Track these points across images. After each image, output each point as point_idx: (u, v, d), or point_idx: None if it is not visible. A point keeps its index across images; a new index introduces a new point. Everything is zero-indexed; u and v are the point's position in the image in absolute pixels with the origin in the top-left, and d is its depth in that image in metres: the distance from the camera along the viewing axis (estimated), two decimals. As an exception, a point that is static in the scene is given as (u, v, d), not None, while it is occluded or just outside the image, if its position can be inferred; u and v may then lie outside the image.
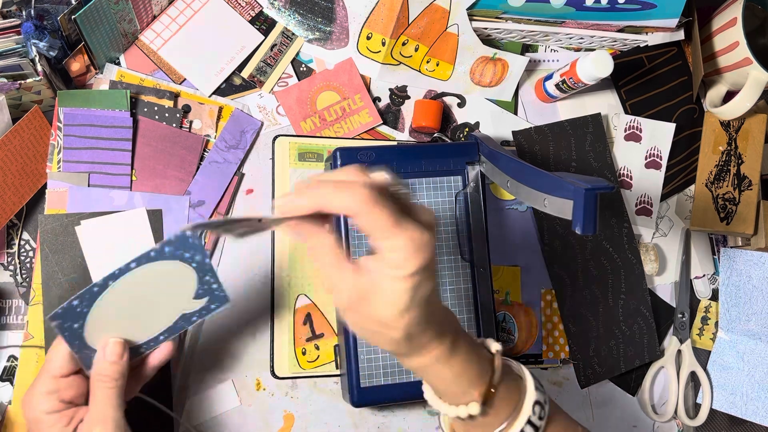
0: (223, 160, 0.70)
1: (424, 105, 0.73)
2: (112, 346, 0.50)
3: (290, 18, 0.74)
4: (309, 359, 0.67)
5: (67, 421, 0.49)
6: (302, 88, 0.73)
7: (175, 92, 0.70)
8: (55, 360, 0.50)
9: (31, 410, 0.49)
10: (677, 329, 0.78)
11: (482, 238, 0.66)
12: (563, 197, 0.52)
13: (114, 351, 0.50)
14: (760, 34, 0.83)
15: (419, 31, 0.73)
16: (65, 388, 0.49)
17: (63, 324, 0.48)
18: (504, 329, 0.72)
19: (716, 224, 0.79)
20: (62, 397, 0.49)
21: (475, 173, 0.67)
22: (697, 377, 0.78)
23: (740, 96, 0.75)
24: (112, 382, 0.49)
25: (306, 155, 0.71)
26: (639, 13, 0.74)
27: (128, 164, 0.67)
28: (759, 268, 0.78)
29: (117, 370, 0.49)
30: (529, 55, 0.79)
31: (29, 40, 0.61)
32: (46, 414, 0.48)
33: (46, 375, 0.50)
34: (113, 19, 0.65)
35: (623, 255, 0.76)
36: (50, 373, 0.49)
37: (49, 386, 0.49)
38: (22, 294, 0.65)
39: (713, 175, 0.80)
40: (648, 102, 0.81)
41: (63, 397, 0.49)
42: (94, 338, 0.49)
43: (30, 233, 0.66)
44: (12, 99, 0.63)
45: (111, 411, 0.49)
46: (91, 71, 0.69)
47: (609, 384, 0.76)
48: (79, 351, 0.49)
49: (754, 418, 0.76)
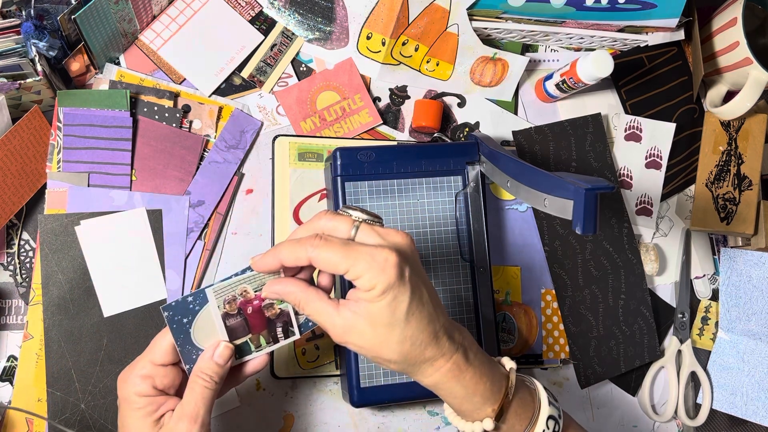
0: (223, 160, 0.70)
1: (424, 105, 0.73)
2: (223, 349, 0.51)
3: (290, 18, 0.74)
4: (309, 359, 0.67)
5: (156, 407, 0.50)
6: (302, 88, 0.73)
7: (175, 92, 0.70)
8: (158, 348, 0.51)
9: (125, 389, 0.50)
10: (677, 329, 0.78)
11: (482, 238, 0.66)
12: (563, 197, 0.52)
13: (223, 354, 0.51)
14: (760, 34, 0.83)
15: (419, 31, 0.73)
16: (161, 375, 0.51)
17: (173, 317, 0.50)
18: (504, 329, 0.72)
19: (716, 224, 0.79)
20: (156, 383, 0.50)
21: (475, 173, 0.67)
22: (697, 377, 0.78)
23: (740, 96, 0.75)
24: (212, 383, 0.50)
25: (306, 155, 0.71)
26: (639, 13, 0.74)
27: (128, 164, 0.67)
28: (759, 268, 0.78)
29: (219, 373, 0.51)
30: (529, 55, 0.79)
31: (29, 40, 0.61)
32: (138, 396, 0.50)
33: (146, 359, 0.51)
34: (113, 19, 0.65)
35: (623, 255, 0.76)
36: (150, 359, 0.51)
37: (147, 371, 0.50)
38: (21, 294, 0.65)
39: (713, 175, 0.80)
40: (648, 102, 0.81)
41: (157, 384, 0.50)
42: (199, 337, 0.51)
43: (30, 233, 0.66)
44: (12, 99, 0.63)
45: (202, 410, 0.50)
46: (91, 71, 0.69)
47: (609, 384, 0.76)
48: (182, 345, 0.51)
49: (754, 418, 0.76)
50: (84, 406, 0.63)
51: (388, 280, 0.44)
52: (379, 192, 0.65)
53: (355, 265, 0.45)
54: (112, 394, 0.63)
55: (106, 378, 0.63)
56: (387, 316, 0.45)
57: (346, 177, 0.64)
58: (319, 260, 0.46)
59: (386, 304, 0.45)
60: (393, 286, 0.45)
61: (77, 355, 0.63)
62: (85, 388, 0.63)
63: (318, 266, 0.47)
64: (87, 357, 0.63)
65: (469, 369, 0.48)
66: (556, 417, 0.50)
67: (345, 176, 0.64)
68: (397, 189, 0.65)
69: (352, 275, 0.45)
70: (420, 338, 0.46)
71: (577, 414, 0.74)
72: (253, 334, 0.53)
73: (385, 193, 0.65)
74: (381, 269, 0.44)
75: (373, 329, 0.46)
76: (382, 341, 0.46)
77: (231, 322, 0.52)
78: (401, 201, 0.65)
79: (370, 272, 0.44)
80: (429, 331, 0.47)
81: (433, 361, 0.47)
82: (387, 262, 0.45)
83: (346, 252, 0.45)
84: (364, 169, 0.64)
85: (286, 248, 0.47)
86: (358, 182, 0.64)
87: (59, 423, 0.62)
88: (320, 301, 0.48)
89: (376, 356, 0.47)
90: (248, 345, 0.53)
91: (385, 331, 0.46)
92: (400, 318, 0.45)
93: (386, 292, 0.45)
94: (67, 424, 0.62)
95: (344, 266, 0.45)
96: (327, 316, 0.47)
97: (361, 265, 0.45)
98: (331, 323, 0.47)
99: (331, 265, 0.46)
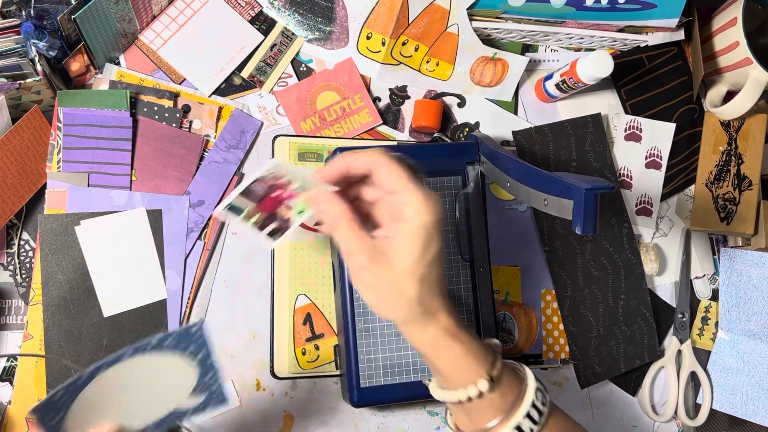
0: (223, 160, 0.70)
1: (424, 105, 0.73)
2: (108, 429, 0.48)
3: (290, 18, 0.74)
4: (309, 359, 0.67)
5: None
6: (302, 88, 0.73)
7: (175, 92, 0.70)
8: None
9: None
10: (677, 329, 0.78)
11: (482, 238, 0.66)
12: (563, 197, 0.52)
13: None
14: (760, 34, 0.83)
15: (419, 31, 0.73)
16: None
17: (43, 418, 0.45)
18: (504, 329, 0.72)
19: (716, 224, 0.79)
20: None
21: (475, 173, 0.67)
22: (697, 377, 0.78)
23: (740, 96, 0.75)
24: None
25: (306, 155, 0.71)
26: (639, 13, 0.74)
27: (128, 164, 0.67)
28: (759, 268, 0.78)
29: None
30: (529, 55, 0.79)
31: (29, 40, 0.61)
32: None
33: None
34: (113, 19, 0.65)
35: (623, 255, 0.76)
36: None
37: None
38: (21, 294, 0.65)
39: (713, 175, 0.80)
40: (648, 102, 0.81)
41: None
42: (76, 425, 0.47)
43: (30, 233, 0.66)
44: (12, 99, 0.63)
45: None
46: (91, 71, 0.69)
47: (609, 384, 0.76)
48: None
49: (754, 418, 0.76)
50: (84, 406, 0.63)
51: (432, 218, 0.46)
52: (379, 192, 0.65)
53: (409, 192, 0.46)
54: (112, 394, 0.63)
55: (106, 378, 0.63)
56: (420, 250, 0.46)
57: (346, 177, 0.64)
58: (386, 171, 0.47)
59: (422, 240, 0.46)
60: (434, 226, 0.47)
61: (77, 355, 0.63)
62: (85, 388, 0.63)
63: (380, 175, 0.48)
64: (87, 357, 0.63)
65: (464, 330, 0.50)
66: (543, 390, 0.51)
67: (345, 176, 0.64)
68: (397, 189, 0.65)
69: (404, 198, 0.47)
70: (435, 286, 0.48)
71: (577, 414, 0.74)
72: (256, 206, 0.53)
73: (385, 193, 0.65)
74: (429, 207, 0.46)
75: (401, 260, 0.46)
76: (404, 274, 0.47)
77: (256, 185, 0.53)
78: (401, 201, 0.65)
79: (422, 204, 0.46)
80: (441, 284, 0.49)
81: (437, 314, 0.48)
82: (438, 204, 0.47)
83: (412, 176, 0.47)
84: (364, 169, 0.64)
85: (353, 155, 0.49)
86: (358, 182, 0.64)
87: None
88: (357, 223, 0.48)
89: (389, 292, 0.47)
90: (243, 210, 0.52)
91: (412, 264, 0.46)
92: (428, 260, 0.47)
93: (424, 229, 0.46)
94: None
95: (398, 187, 0.47)
96: (357, 238, 0.47)
97: (418, 193, 0.46)
98: (362, 246, 0.47)
99: (393, 180, 0.47)
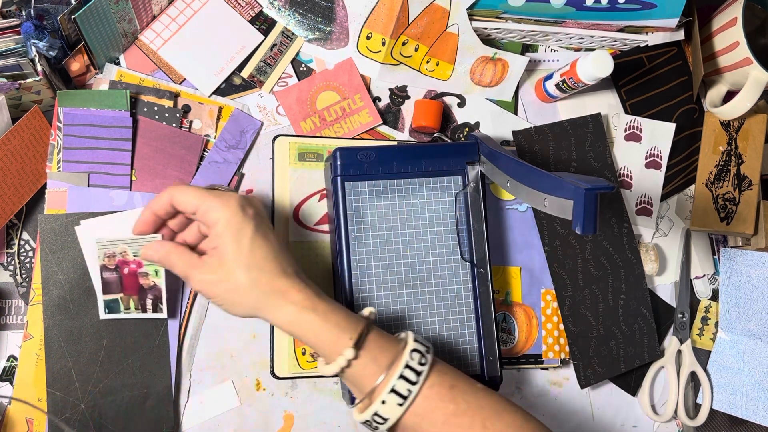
0: (223, 160, 0.70)
1: (424, 105, 0.73)
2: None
3: (290, 18, 0.74)
4: (309, 359, 0.67)
5: None
6: (302, 88, 0.73)
7: (175, 92, 0.70)
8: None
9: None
10: (677, 329, 0.78)
11: (482, 238, 0.66)
12: (563, 197, 0.52)
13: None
14: (760, 34, 0.83)
15: (419, 31, 0.73)
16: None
17: None
18: (504, 329, 0.72)
19: (716, 224, 0.79)
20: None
21: (475, 173, 0.67)
22: (697, 377, 0.78)
23: (740, 96, 0.75)
24: None
25: (306, 155, 0.71)
26: (639, 13, 0.74)
27: (128, 164, 0.67)
28: (759, 268, 0.78)
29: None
30: (529, 55, 0.79)
31: (29, 40, 0.61)
32: None
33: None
34: (113, 19, 0.65)
35: (623, 255, 0.76)
36: None
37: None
38: (21, 294, 0.65)
39: (713, 175, 0.80)
40: (648, 102, 0.81)
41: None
42: None
43: (30, 233, 0.66)
44: (12, 99, 0.63)
45: None
46: (91, 71, 0.69)
47: (609, 384, 0.76)
48: None
49: (754, 418, 0.76)
50: (84, 406, 0.63)
51: (230, 212, 0.51)
52: (379, 192, 0.65)
53: (204, 203, 0.51)
54: (112, 393, 0.63)
55: (106, 378, 0.63)
56: (233, 246, 0.51)
57: (346, 177, 0.64)
58: (178, 198, 0.53)
59: (231, 236, 0.51)
60: (235, 218, 0.51)
61: (77, 355, 0.63)
62: (85, 388, 0.63)
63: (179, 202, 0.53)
64: (87, 357, 0.63)
65: (323, 302, 0.51)
66: (421, 351, 0.51)
67: (345, 176, 0.64)
68: (397, 189, 0.65)
69: (201, 214, 0.52)
70: (268, 267, 0.51)
71: (577, 414, 0.74)
72: (124, 294, 0.60)
73: (385, 193, 0.65)
74: (225, 205, 0.51)
75: (220, 263, 0.51)
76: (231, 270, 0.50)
77: (107, 275, 0.59)
78: (401, 201, 0.65)
79: (216, 210, 0.51)
80: (276, 263, 0.52)
81: (287, 292, 0.51)
82: (231, 199, 0.52)
83: (200, 193, 0.52)
84: (364, 169, 0.64)
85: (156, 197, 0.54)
86: (358, 182, 0.64)
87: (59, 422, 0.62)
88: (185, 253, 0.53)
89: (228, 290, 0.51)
90: (118, 303, 0.60)
91: (233, 258, 0.50)
92: (246, 246, 0.51)
93: (230, 223, 0.51)
94: (66, 423, 0.62)
95: (195, 204, 0.52)
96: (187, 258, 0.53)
97: (209, 203, 0.51)
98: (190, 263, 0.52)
99: (189, 200, 0.52)
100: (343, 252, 0.63)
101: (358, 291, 0.63)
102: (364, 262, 0.63)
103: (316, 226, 0.70)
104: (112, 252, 0.58)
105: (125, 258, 0.58)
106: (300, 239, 0.69)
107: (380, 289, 0.63)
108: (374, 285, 0.63)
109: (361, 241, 0.63)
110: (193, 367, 0.66)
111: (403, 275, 0.64)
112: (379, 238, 0.64)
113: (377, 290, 0.63)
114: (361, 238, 0.63)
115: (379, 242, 0.64)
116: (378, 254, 0.64)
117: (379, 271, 0.63)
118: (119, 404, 0.64)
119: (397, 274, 0.64)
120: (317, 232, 0.69)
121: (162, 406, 0.64)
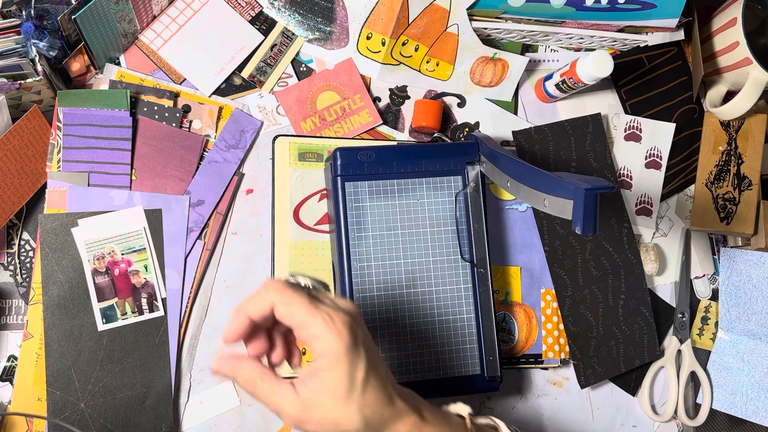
0: (223, 160, 0.70)
1: (424, 105, 0.73)
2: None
3: (290, 18, 0.74)
4: (309, 359, 0.67)
5: None
6: (302, 88, 0.73)
7: (175, 92, 0.70)
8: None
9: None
10: (677, 329, 0.78)
11: (482, 238, 0.66)
12: (563, 197, 0.52)
13: None
14: (760, 34, 0.83)
15: (419, 31, 0.73)
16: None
17: None
18: (504, 329, 0.72)
19: (716, 224, 0.79)
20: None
21: (475, 173, 0.67)
22: (697, 377, 0.78)
23: (740, 96, 0.75)
24: None
25: (306, 155, 0.71)
26: (639, 13, 0.74)
27: (128, 164, 0.67)
28: (759, 268, 0.78)
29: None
30: (529, 55, 0.79)
31: (29, 40, 0.61)
32: None
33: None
34: (113, 19, 0.65)
35: (623, 255, 0.76)
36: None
37: None
38: (22, 294, 0.65)
39: (713, 175, 0.80)
40: (648, 102, 0.81)
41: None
42: None
43: (30, 233, 0.66)
44: (12, 99, 0.63)
45: None
46: (91, 71, 0.69)
47: (609, 384, 0.76)
48: None
49: (754, 418, 0.76)
50: (84, 405, 0.63)
51: (344, 343, 0.44)
52: (379, 192, 0.65)
53: (314, 326, 0.44)
54: (112, 393, 0.63)
55: (106, 377, 0.63)
56: (347, 383, 0.44)
57: (346, 177, 0.64)
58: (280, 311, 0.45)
59: (345, 371, 0.44)
60: (350, 351, 0.44)
61: (77, 355, 0.63)
62: (84, 387, 0.63)
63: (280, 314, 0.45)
64: (87, 356, 0.63)
65: (427, 426, 0.48)
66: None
67: (345, 176, 0.64)
68: (397, 189, 0.65)
69: (306, 336, 0.45)
70: (379, 402, 0.45)
71: (576, 414, 0.74)
72: (119, 298, 0.59)
73: (385, 193, 0.65)
74: (338, 334, 0.44)
75: (333, 400, 0.44)
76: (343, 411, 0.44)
77: (99, 280, 0.58)
78: (401, 201, 0.65)
79: (327, 339, 0.44)
80: (386, 394, 0.46)
81: (399, 418, 0.46)
82: (344, 325, 0.44)
83: (308, 310, 0.44)
84: (364, 169, 0.64)
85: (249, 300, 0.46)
86: (358, 182, 0.64)
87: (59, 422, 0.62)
88: (274, 379, 0.46)
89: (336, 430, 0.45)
90: (115, 310, 0.59)
91: (346, 399, 0.44)
92: (359, 383, 0.45)
93: (345, 357, 0.44)
94: (66, 422, 0.62)
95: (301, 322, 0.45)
96: (283, 395, 0.45)
97: (318, 327, 0.44)
98: (287, 401, 0.45)
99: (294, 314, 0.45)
100: (343, 252, 0.63)
101: (358, 291, 0.63)
102: (364, 262, 0.63)
103: (316, 226, 0.70)
104: (101, 253, 0.58)
105: (114, 258, 0.58)
106: (300, 239, 0.69)
107: (380, 289, 0.63)
108: (374, 285, 0.63)
109: (361, 241, 0.63)
110: (193, 367, 0.66)
111: (403, 275, 0.64)
112: (379, 238, 0.64)
113: (377, 290, 0.63)
114: (361, 238, 0.63)
115: (379, 242, 0.64)
116: (378, 254, 0.64)
117: (379, 271, 0.63)
118: (119, 403, 0.64)
119: (397, 274, 0.64)
120: (317, 232, 0.69)
121: (162, 406, 0.64)
